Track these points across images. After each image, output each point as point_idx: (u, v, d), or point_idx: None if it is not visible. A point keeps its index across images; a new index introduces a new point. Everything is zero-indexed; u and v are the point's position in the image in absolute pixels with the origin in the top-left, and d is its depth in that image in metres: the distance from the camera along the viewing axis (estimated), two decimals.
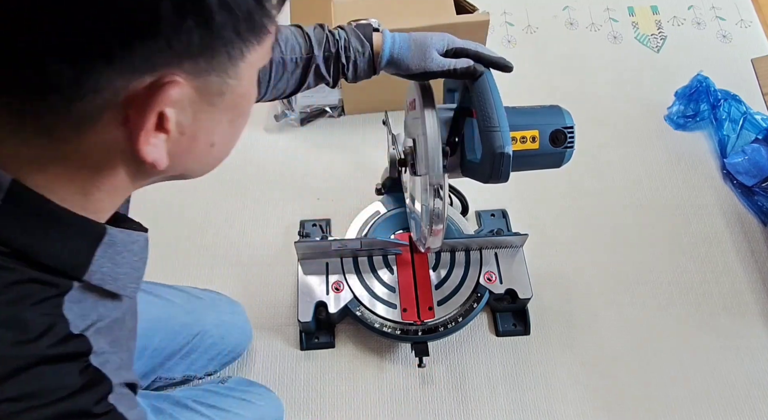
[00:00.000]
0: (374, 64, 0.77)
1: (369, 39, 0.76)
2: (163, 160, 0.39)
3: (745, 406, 1.09)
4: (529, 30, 1.62)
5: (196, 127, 0.40)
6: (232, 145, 0.47)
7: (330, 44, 0.75)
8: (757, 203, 1.29)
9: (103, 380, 0.42)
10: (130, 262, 0.46)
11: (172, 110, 0.37)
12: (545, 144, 0.81)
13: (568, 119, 0.82)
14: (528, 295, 1.11)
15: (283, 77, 0.76)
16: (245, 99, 0.43)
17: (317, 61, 0.75)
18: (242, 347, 1.09)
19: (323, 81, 0.79)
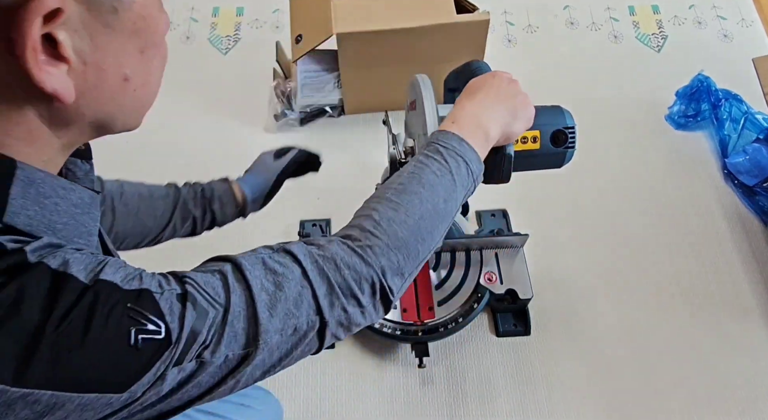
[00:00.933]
0: (244, 209, 0.89)
1: (229, 192, 0.86)
2: (67, 91, 0.38)
3: (744, 405, 1.09)
4: (529, 30, 1.62)
5: (99, 55, 0.39)
6: (152, 84, 0.45)
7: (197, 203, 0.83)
8: (758, 203, 1.29)
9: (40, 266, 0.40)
10: (70, 212, 0.43)
11: (63, 33, 0.36)
12: (546, 144, 0.81)
13: (569, 119, 0.82)
14: (528, 296, 1.11)
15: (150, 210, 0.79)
16: (147, 22, 0.41)
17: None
18: None
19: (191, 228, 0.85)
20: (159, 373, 0.40)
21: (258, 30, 1.63)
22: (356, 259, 0.53)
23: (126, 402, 0.39)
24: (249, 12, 1.66)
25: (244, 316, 0.46)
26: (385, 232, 0.55)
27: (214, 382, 0.45)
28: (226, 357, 0.45)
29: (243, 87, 1.48)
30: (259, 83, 1.45)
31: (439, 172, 0.60)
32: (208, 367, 0.44)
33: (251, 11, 1.67)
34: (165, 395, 0.42)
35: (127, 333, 0.39)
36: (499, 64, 1.48)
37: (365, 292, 0.53)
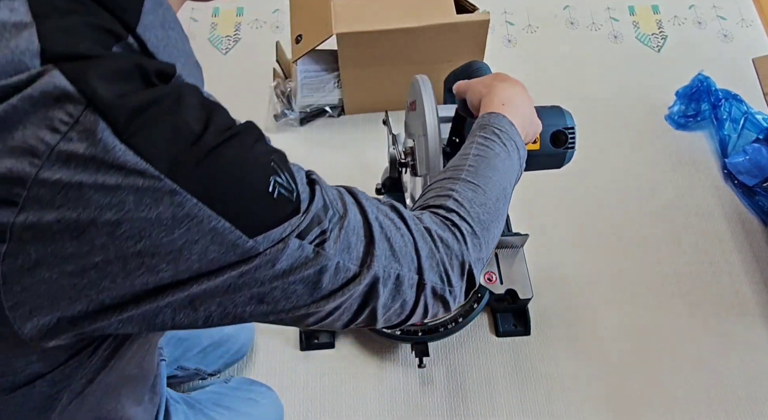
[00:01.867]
0: None
1: None
2: None
3: (744, 405, 1.09)
4: (529, 30, 1.62)
5: None
6: None
7: None
8: (758, 203, 1.29)
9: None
10: (185, 55, 0.43)
11: None
12: (546, 145, 0.81)
13: (569, 120, 0.82)
14: (528, 296, 1.11)
15: None
16: None
17: None
18: (246, 347, 1.09)
19: None
20: (285, 235, 0.40)
21: (258, 30, 1.63)
22: (449, 235, 0.52)
23: (246, 255, 0.39)
24: (249, 12, 1.66)
25: (359, 232, 0.46)
26: (469, 214, 0.54)
27: (318, 294, 0.44)
28: (338, 264, 0.44)
29: (243, 87, 1.48)
30: (259, 83, 1.45)
31: (502, 154, 0.60)
32: (322, 262, 0.43)
33: (251, 11, 1.67)
34: (276, 276, 0.41)
35: (268, 179, 0.40)
36: (499, 64, 1.49)
37: (455, 270, 0.52)
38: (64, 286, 0.36)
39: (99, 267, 0.36)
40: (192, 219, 0.36)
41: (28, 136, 0.33)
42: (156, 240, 0.36)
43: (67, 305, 0.37)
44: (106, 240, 0.35)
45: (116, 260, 0.36)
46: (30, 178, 0.33)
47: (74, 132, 0.33)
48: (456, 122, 0.82)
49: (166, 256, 0.37)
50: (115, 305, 0.38)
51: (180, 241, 0.37)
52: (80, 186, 0.34)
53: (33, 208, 0.33)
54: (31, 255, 0.34)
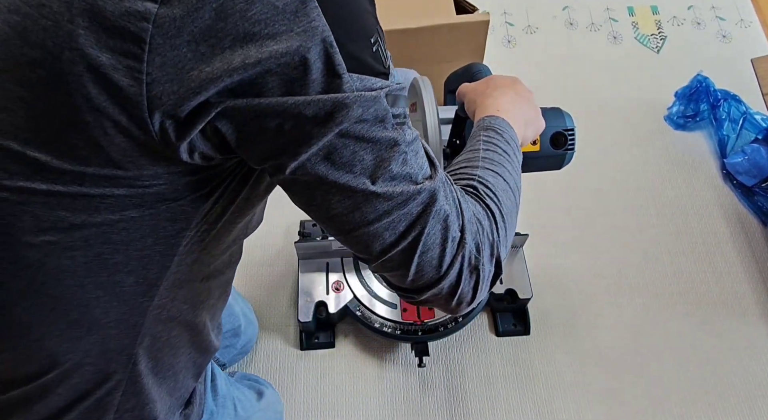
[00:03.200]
0: None
1: None
2: None
3: (744, 405, 1.09)
4: (529, 30, 1.62)
5: None
6: None
7: None
8: (757, 203, 1.29)
9: None
10: None
11: None
12: (546, 146, 0.81)
13: (569, 121, 0.82)
14: (528, 295, 1.11)
15: None
16: None
17: None
18: (251, 344, 1.10)
19: None
20: (376, 86, 0.42)
21: None
22: (481, 209, 0.52)
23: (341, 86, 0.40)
24: None
25: (422, 153, 0.47)
26: (495, 195, 0.54)
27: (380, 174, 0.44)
28: (406, 156, 0.45)
29: None
30: None
31: (509, 151, 0.60)
32: (397, 138, 0.44)
33: None
34: (356, 123, 0.42)
35: (371, 31, 0.44)
36: (499, 65, 1.49)
37: (485, 248, 0.50)
38: (193, 72, 0.38)
39: (225, 54, 0.38)
40: (310, 21, 0.38)
41: None
42: (278, 32, 0.38)
43: (192, 92, 0.38)
44: (238, 18, 0.37)
45: (240, 49, 0.38)
46: None
47: None
48: (456, 124, 0.82)
49: (282, 56, 0.38)
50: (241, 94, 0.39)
51: (296, 42, 0.38)
52: None
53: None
54: (176, 20, 0.37)
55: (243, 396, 0.89)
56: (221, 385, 0.81)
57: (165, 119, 0.39)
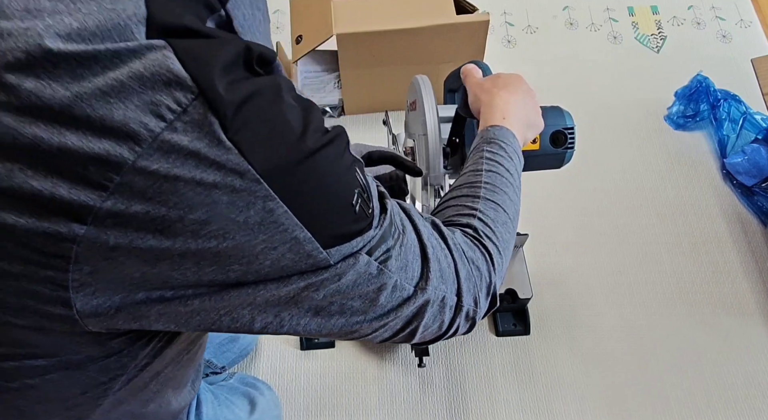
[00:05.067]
0: None
1: None
2: None
3: (745, 406, 1.09)
4: (529, 30, 1.62)
5: None
6: None
7: None
8: (756, 203, 1.29)
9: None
10: (262, 29, 0.42)
11: None
12: (546, 145, 0.81)
13: (569, 120, 0.82)
14: (528, 295, 1.11)
15: None
16: None
17: None
18: (252, 346, 1.10)
19: None
20: (356, 248, 0.39)
21: None
22: (479, 256, 0.52)
23: (316, 266, 0.38)
24: None
25: (415, 251, 0.45)
26: (494, 234, 0.54)
27: (372, 312, 0.43)
28: (396, 283, 0.43)
29: None
30: None
31: (511, 169, 0.60)
32: (383, 280, 0.42)
33: None
34: (338, 290, 0.40)
35: (353, 191, 0.39)
36: (499, 65, 1.49)
37: (483, 292, 0.51)
38: (133, 274, 0.35)
39: (174, 260, 0.34)
40: (278, 227, 0.35)
41: (131, 118, 0.31)
42: (238, 242, 0.35)
43: (129, 291, 0.35)
44: (188, 237, 0.33)
45: (192, 256, 0.34)
46: (127, 165, 0.31)
47: (180, 122, 0.31)
48: (456, 122, 0.82)
49: (242, 258, 0.36)
50: (177, 297, 0.37)
51: (260, 246, 0.35)
52: (176, 180, 0.32)
53: (123, 196, 0.31)
54: (109, 241, 0.33)
55: (232, 415, 0.89)
56: (207, 412, 0.80)
57: (101, 312, 0.36)
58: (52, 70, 0.30)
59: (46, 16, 0.31)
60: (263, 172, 0.34)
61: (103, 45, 0.31)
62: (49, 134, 0.30)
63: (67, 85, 0.30)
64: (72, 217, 0.32)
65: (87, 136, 0.31)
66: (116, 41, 0.31)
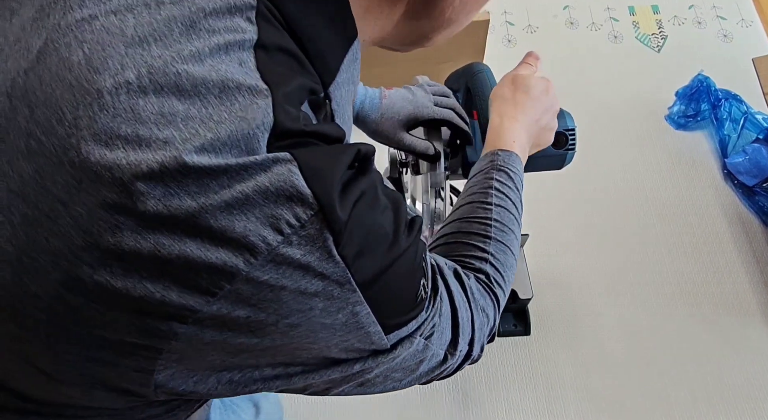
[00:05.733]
0: None
1: None
2: None
3: (745, 406, 1.09)
4: (529, 30, 1.62)
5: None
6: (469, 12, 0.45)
7: None
8: (758, 203, 1.29)
9: None
10: (347, 109, 0.42)
11: None
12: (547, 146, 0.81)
13: (570, 121, 0.82)
14: (528, 296, 1.11)
15: None
16: None
17: None
18: None
19: None
20: (411, 331, 0.40)
21: None
22: (489, 303, 0.53)
23: (377, 350, 0.39)
24: None
25: (448, 317, 0.45)
26: (503, 279, 0.55)
27: (409, 379, 0.44)
28: (434, 352, 0.44)
29: None
30: None
31: (517, 203, 0.61)
32: (426, 354, 0.43)
33: None
34: (389, 368, 0.41)
35: (420, 282, 0.39)
36: (499, 65, 1.48)
37: (487, 336, 0.52)
38: (214, 361, 0.35)
39: (254, 352, 0.35)
40: (358, 325, 0.36)
41: (251, 230, 0.31)
42: (318, 338, 0.35)
43: (206, 374, 0.36)
44: (277, 337, 0.34)
45: (272, 350, 0.35)
46: (240, 276, 0.31)
47: (296, 236, 0.31)
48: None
49: (316, 350, 0.36)
50: (244, 380, 0.37)
51: (335, 340, 0.36)
52: (282, 289, 0.32)
53: (228, 302, 0.32)
54: (204, 338, 0.33)
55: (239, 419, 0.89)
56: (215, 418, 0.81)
57: (174, 390, 0.36)
58: (181, 180, 0.30)
59: (180, 122, 0.30)
60: (360, 282, 0.34)
61: (234, 159, 0.30)
62: (170, 241, 0.30)
63: (195, 196, 0.30)
64: (176, 318, 0.32)
65: (206, 246, 0.31)
66: (244, 151, 0.31)
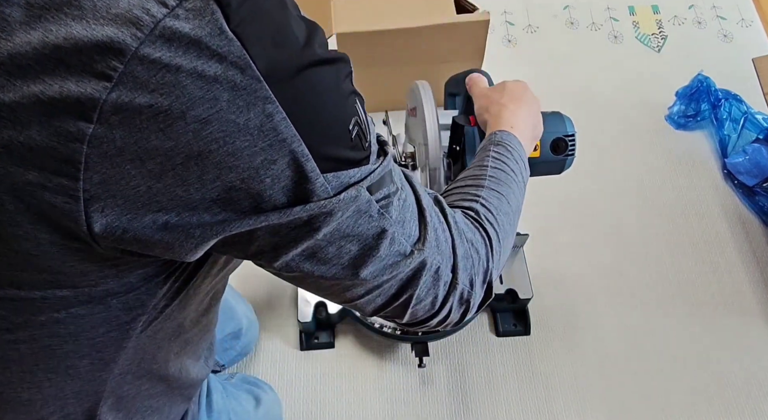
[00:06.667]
0: None
1: None
2: None
3: (745, 406, 1.09)
4: (529, 30, 1.62)
5: None
6: None
7: None
8: (758, 203, 1.29)
9: None
10: None
11: None
12: (546, 152, 0.81)
13: (570, 127, 0.82)
14: (528, 295, 1.11)
15: None
16: None
17: None
18: (252, 345, 1.10)
19: None
20: (356, 179, 0.39)
21: None
22: (478, 238, 0.51)
23: (317, 194, 0.37)
24: None
25: (413, 211, 0.44)
26: (496, 220, 0.53)
27: (368, 262, 0.42)
28: (394, 234, 0.42)
29: None
30: None
31: (516, 171, 0.60)
32: (384, 225, 0.41)
33: None
34: (338, 227, 0.39)
35: (350, 117, 0.38)
36: (499, 64, 1.49)
37: (479, 276, 0.50)
38: (140, 187, 0.34)
39: (177, 170, 0.34)
40: (277, 134, 0.35)
41: (134, 4, 0.30)
42: (238, 149, 0.34)
43: (137, 209, 0.35)
44: (191, 138, 0.33)
45: (195, 166, 0.34)
46: (130, 52, 0.30)
47: (182, 9, 0.31)
48: (455, 130, 0.81)
49: (243, 171, 0.35)
50: (182, 225, 0.36)
51: (259, 157, 0.35)
52: (178, 70, 0.31)
53: (127, 87, 0.31)
54: (116, 141, 0.32)
55: (240, 407, 0.89)
56: (217, 400, 0.80)
57: (111, 232, 0.35)
58: None
59: None
60: (264, 71, 0.33)
61: None
62: (56, 26, 0.30)
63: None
64: (81, 116, 0.31)
65: (92, 25, 0.30)
66: None
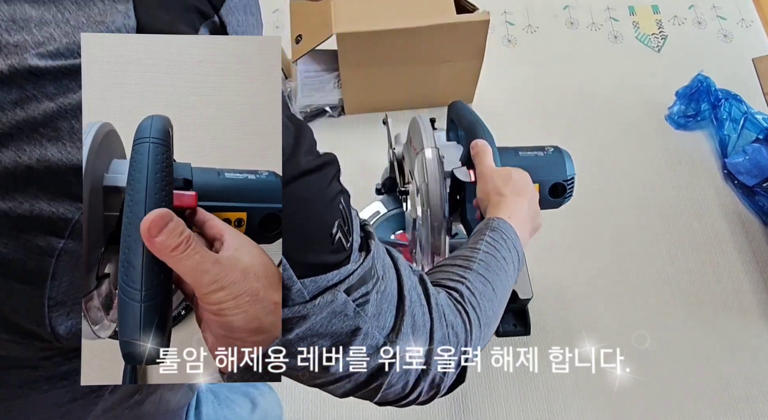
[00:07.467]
0: None
1: None
2: None
3: (745, 406, 1.09)
4: (529, 30, 1.62)
5: None
6: None
7: None
8: (758, 203, 1.29)
9: None
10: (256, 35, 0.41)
11: None
12: (545, 195, 0.80)
13: (570, 169, 0.81)
14: (528, 296, 1.11)
15: None
16: None
17: None
18: None
19: None
20: (333, 282, 0.38)
21: None
22: (459, 321, 0.50)
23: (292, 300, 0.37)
24: None
25: (391, 301, 0.43)
26: (479, 305, 0.53)
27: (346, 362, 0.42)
28: (368, 330, 0.42)
29: None
30: None
31: (508, 259, 0.60)
32: (358, 324, 0.40)
33: None
34: (311, 327, 0.38)
35: (334, 222, 0.38)
36: (499, 64, 1.49)
37: (452, 361, 0.50)
38: None
39: None
40: None
41: None
42: None
43: None
44: None
45: None
46: None
47: None
48: (455, 182, 0.80)
49: None
50: None
51: None
52: None
53: None
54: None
55: (233, 414, 0.88)
56: (207, 413, 0.79)
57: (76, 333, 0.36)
58: (36, 81, 0.30)
59: (33, 27, 0.30)
60: None
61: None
62: (30, 146, 0.30)
63: (53, 97, 0.30)
64: (52, 232, 0.31)
65: (67, 149, 0.30)
66: None
